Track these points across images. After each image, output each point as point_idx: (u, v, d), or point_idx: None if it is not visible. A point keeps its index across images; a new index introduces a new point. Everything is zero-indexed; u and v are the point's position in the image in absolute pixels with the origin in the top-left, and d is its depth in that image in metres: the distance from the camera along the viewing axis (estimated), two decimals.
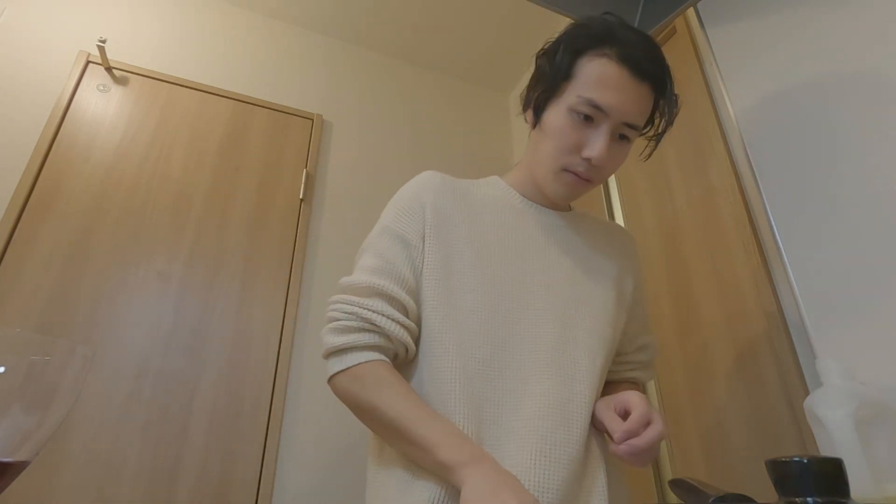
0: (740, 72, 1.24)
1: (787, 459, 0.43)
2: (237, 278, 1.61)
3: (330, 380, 0.67)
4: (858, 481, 0.67)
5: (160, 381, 1.41)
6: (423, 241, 0.71)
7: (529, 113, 0.80)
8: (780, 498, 0.43)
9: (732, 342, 1.16)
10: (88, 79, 1.69)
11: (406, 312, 0.68)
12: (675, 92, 0.75)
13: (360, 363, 0.64)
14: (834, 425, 0.72)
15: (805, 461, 0.42)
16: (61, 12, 1.75)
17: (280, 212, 1.76)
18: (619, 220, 1.63)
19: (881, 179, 0.90)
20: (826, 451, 0.74)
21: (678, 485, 0.57)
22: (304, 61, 2.12)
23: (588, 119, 0.68)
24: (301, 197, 1.80)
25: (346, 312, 0.66)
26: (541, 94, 0.75)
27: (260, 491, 1.38)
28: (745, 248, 1.15)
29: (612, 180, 1.71)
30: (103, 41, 1.66)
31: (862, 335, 0.89)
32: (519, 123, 2.36)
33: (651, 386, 1.39)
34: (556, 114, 0.72)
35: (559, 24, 2.11)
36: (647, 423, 0.60)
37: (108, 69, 1.72)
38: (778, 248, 1.07)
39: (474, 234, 0.73)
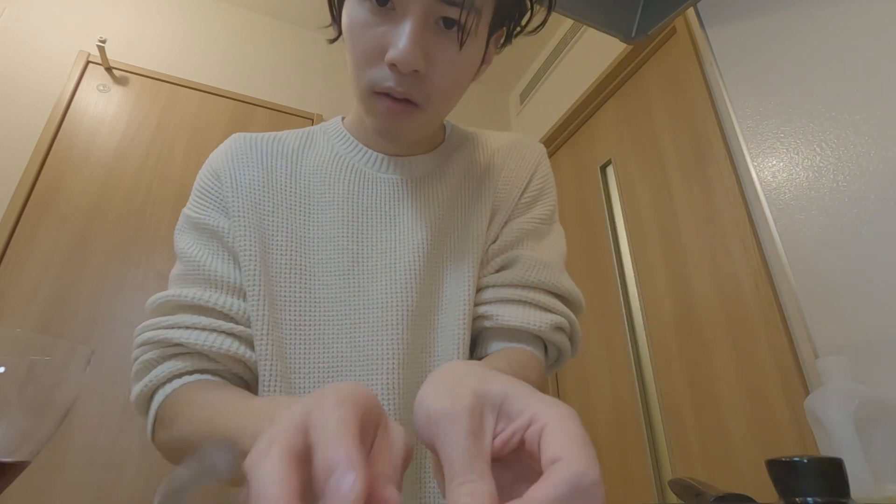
0: (740, 72, 1.25)
1: (787, 459, 0.43)
2: None
3: (155, 442, 0.48)
4: (858, 481, 0.67)
5: None
6: (229, 218, 0.52)
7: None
8: (780, 498, 0.43)
9: (732, 342, 1.16)
10: (88, 79, 1.69)
11: (230, 317, 0.49)
12: None
13: (163, 400, 0.45)
14: (834, 425, 0.72)
15: (805, 461, 0.42)
16: (61, 12, 1.75)
17: None
18: (619, 220, 1.62)
19: (883, 180, 0.90)
20: (826, 451, 0.74)
21: (678, 485, 0.57)
22: (304, 61, 2.12)
23: (385, 3, 0.45)
24: None
25: (142, 345, 0.48)
26: None
27: None
28: (745, 248, 1.15)
29: (611, 179, 1.71)
30: (103, 41, 1.66)
31: (862, 335, 0.89)
32: (519, 123, 2.35)
33: (651, 386, 1.39)
34: (347, 11, 0.49)
35: (558, 23, 2.10)
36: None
37: (108, 69, 1.72)
38: (777, 249, 1.07)
39: (294, 218, 0.54)
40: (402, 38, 0.44)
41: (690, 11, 1.41)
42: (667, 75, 1.52)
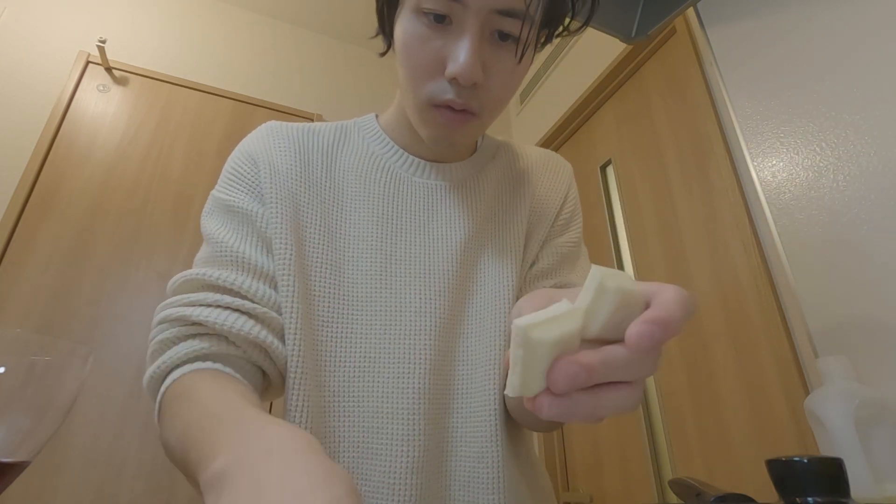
0: (740, 72, 1.24)
1: (787, 459, 0.43)
2: None
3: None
4: (858, 481, 0.67)
5: None
6: (264, 205, 0.51)
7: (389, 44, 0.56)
8: (780, 498, 0.43)
9: (732, 342, 1.16)
10: (88, 79, 1.69)
11: (256, 302, 0.47)
12: None
13: (167, 389, 0.42)
14: (834, 425, 0.72)
15: (805, 461, 0.42)
16: (61, 12, 1.75)
17: None
18: (619, 220, 1.62)
19: (883, 180, 0.90)
20: (826, 451, 0.74)
21: (678, 485, 0.57)
22: (304, 61, 2.12)
23: (442, 20, 0.46)
24: None
25: (160, 323, 0.46)
26: (386, 7, 0.53)
27: None
28: (745, 248, 1.15)
29: (611, 179, 1.71)
30: (103, 41, 1.66)
31: (862, 335, 0.89)
32: (519, 123, 2.35)
33: (651, 386, 1.39)
34: (402, 26, 0.49)
35: None
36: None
37: (108, 69, 1.72)
38: (777, 249, 1.07)
39: (328, 212, 0.54)
40: (461, 52, 0.45)
41: (690, 11, 1.41)
42: (667, 75, 1.52)
